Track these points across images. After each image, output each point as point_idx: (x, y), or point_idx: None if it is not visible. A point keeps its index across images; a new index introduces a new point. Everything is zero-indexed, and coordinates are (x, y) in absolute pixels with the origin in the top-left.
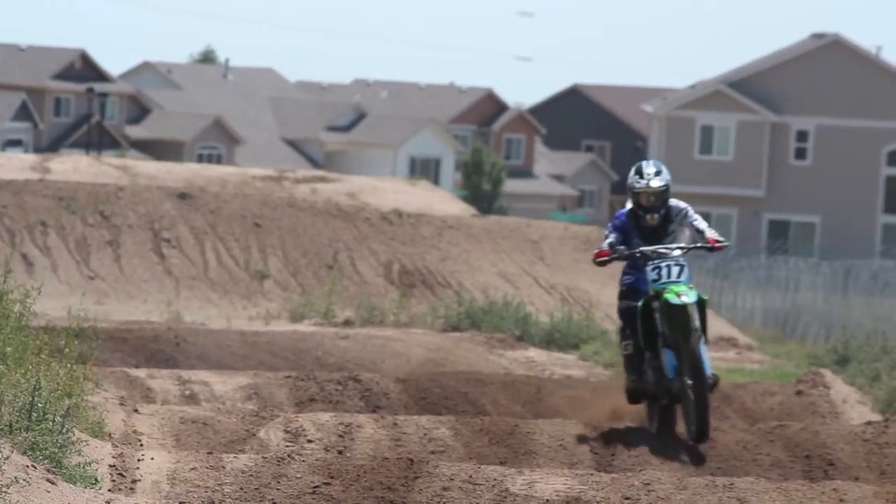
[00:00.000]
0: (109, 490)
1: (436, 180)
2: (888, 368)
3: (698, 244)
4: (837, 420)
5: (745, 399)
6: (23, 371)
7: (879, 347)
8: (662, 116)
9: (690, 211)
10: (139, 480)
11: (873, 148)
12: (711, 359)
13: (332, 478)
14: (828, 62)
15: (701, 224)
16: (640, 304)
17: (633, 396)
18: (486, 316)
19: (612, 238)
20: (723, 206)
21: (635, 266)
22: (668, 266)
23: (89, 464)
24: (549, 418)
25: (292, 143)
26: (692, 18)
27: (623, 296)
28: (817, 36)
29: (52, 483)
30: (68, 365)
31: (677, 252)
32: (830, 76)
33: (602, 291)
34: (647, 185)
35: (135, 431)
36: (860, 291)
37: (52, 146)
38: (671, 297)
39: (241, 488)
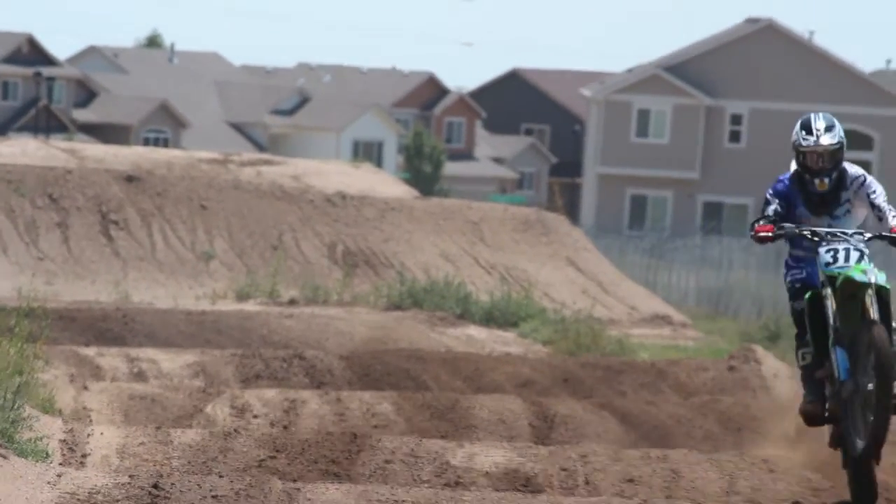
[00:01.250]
0: (60, 464)
1: (378, 163)
2: None
3: (882, 233)
4: (768, 394)
5: (679, 374)
6: None
7: None
8: (600, 100)
9: (869, 180)
10: (89, 455)
11: None
12: (647, 336)
13: (277, 451)
14: (762, 47)
15: (880, 199)
16: (808, 295)
17: (811, 419)
18: (428, 295)
19: (773, 206)
20: (658, 189)
21: (802, 254)
22: (847, 250)
23: (40, 439)
24: (488, 394)
25: (237, 127)
26: (629, 3)
27: (795, 295)
28: (751, 21)
29: (4, 457)
30: (18, 344)
31: (857, 237)
32: (764, 60)
33: (540, 271)
34: (817, 143)
35: (84, 408)
36: None
37: (1, 129)
38: (855, 274)
39: (189, 462)
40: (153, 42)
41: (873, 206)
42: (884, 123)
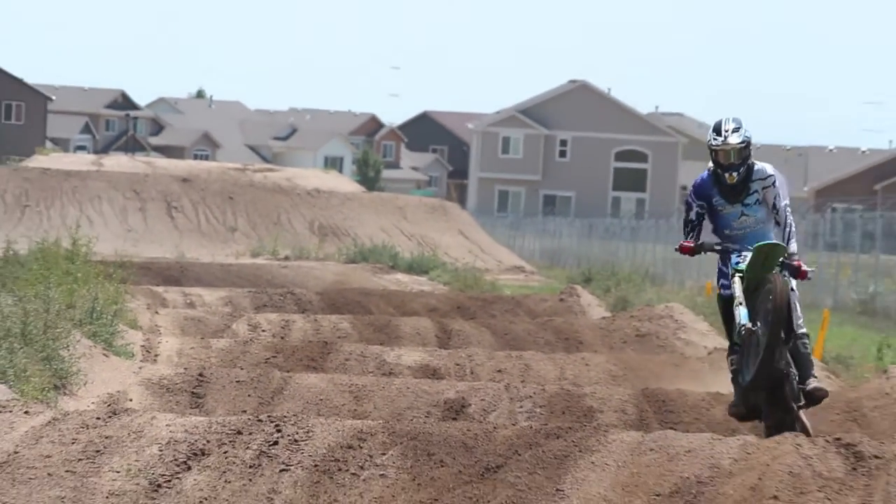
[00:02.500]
0: (141, 361)
1: (340, 171)
2: (615, 285)
3: (783, 260)
4: (585, 316)
5: (529, 304)
6: (87, 287)
7: (609, 272)
8: (479, 131)
9: (779, 183)
10: (159, 355)
11: (606, 150)
12: (509, 279)
13: (277, 353)
14: (579, 97)
15: (781, 203)
16: (723, 293)
17: (740, 419)
18: (371, 253)
19: (695, 210)
20: (515, 186)
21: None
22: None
23: (129, 345)
24: (410, 316)
25: (252, 148)
26: (496, 68)
27: (726, 306)
28: (573, 81)
29: (106, 356)
30: (115, 284)
31: None
32: (581, 106)
33: (442, 238)
34: (725, 142)
35: (156, 325)
36: (598, 238)
37: (104, 150)
38: (756, 246)
39: (221, 360)
40: (199, 94)
41: (775, 209)
42: (654, 146)
